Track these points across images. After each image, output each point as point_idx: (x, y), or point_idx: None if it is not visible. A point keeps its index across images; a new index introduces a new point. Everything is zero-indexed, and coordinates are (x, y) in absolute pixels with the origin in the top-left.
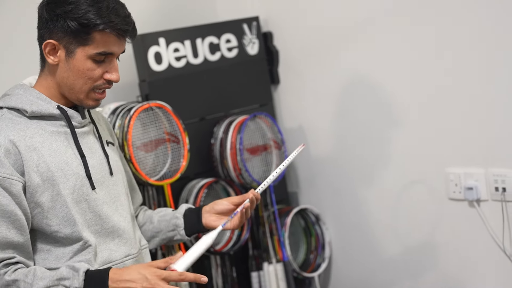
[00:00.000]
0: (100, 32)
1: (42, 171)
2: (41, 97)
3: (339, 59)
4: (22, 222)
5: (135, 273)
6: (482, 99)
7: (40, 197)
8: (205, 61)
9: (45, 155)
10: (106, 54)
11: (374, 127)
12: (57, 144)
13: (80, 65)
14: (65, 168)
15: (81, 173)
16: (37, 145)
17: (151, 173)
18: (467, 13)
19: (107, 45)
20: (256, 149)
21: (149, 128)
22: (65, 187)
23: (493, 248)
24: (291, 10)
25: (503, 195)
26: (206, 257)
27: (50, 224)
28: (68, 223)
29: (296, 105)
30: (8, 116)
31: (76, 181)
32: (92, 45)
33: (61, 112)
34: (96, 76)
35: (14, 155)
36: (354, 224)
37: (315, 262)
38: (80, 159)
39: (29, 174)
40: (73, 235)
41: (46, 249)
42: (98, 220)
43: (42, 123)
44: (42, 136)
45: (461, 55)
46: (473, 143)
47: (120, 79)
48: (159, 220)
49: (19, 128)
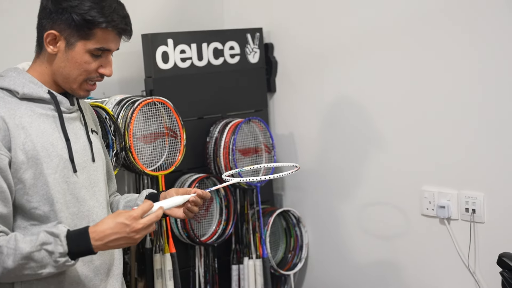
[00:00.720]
0: (102, 29)
1: (27, 149)
2: (33, 80)
3: (332, 74)
4: (6, 194)
5: (112, 223)
6: (462, 127)
7: (24, 174)
8: (209, 65)
9: (32, 134)
10: (104, 50)
11: (357, 141)
12: (44, 125)
13: (78, 57)
14: (50, 149)
15: (64, 156)
16: (25, 125)
17: (147, 164)
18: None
19: (106, 41)
20: (248, 151)
21: (150, 121)
22: (48, 166)
23: (459, 265)
24: (292, 25)
25: (472, 216)
26: (191, 247)
27: (30, 200)
28: (47, 202)
29: (289, 114)
30: (0, 95)
31: (59, 162)
32: (92, 40)
33: (51, 97)
34: (91, 69)
35: (4, 131)
36: (331, 230)
37: (292, 261)
38: (65, 142)
39: (15, 150)
40: (50, 213)
41: (23, 226)
42: (75, 202)
43: (32, 105)
44: (31, 117)
45: (442, 82)
46: (449, 166)
47: (128, 73)
48: (125, 206)
49: (10, 107)
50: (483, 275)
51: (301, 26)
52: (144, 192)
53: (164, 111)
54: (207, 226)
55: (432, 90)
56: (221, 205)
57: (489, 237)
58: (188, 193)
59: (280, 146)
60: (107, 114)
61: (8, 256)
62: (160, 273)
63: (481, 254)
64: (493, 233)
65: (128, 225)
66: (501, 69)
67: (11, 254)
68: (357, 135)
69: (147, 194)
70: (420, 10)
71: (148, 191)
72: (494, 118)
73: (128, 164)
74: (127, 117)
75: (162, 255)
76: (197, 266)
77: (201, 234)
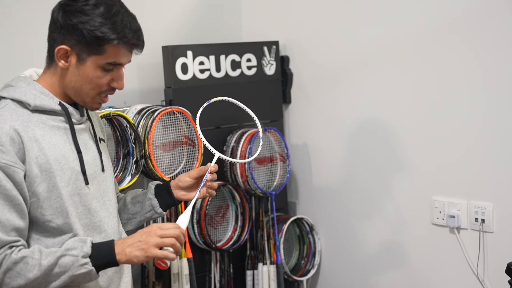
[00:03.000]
0: (111, 44)
1: (41, 163)
2: (44, 92)
3: (346, 87)
4: (23, 207)
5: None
6: (472, 139)
7: (38, 187)
8: (226, 76)
9: (45, 147)
10: (115, 64)
11: (369, 152)
12: (56, 138)
13: (89, 72)
14: (63, 161)
15: (76, 168)
16: (38, 137)
17: (166, 171)
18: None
19: (118, 56)
20: (263, 160)
21: (169, 130)
22: (61, 179)
23: (468, 273)
24: (307, 39)
25: (482, 226)
26: (207, 252)
27: (44, 213)
28: (61, 214)
29: (303, 124)
30: (12, 107)
31: (71, 175)
32: (104, 55)
33: (62, 109)
34: (102, 83)
35: (18, 144)
36: (343, 237)
37: (305, 268)
38: (76, 154)
39: (30, 164)
40: (65, 226)
41: (36, 238)
42: (87, 214)
43: (43, 117)
44: (42, 130)
45: (452, 95)
46: (459, 177)
47: (148, 84)
48: (132, 203)
49: (22, 119)
50: (492, 284)
51: (316, 40)
52: (151, 185)
53: (183, 121)
54: (223, 232)
55: (443, 103)
56: (236, 212)
57: (498, 246)
58: (200, 172)
59: (294, 156)
60: (128, 122)
61: (33, 266)
62: (177, 277)
63: (490, 263)
64: (502, 242)
65: (145, 231)
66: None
67: (36, 265)
68: (368, 146)
69: (155, 186)
70: (430, 26)
71: (155, 183)
72: (504, 130)
73: (148, 171)
74: (147, 125)
75: (179, 260)
76: (212, 271)
77: (217, 240)
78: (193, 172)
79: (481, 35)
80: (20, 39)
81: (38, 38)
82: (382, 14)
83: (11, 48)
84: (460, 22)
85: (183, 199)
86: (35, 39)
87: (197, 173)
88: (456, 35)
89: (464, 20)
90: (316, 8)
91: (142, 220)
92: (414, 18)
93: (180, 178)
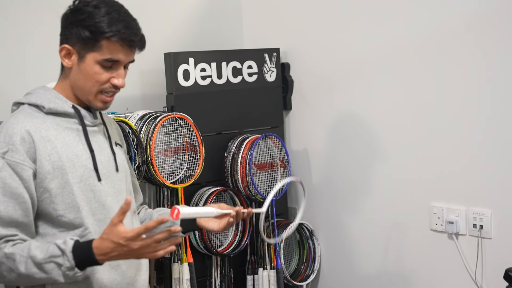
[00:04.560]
0: (107, 40)
1: (53, 160)
2: (58, 96)
3: (345, 94)
4: (27, 205)
5: (110, 243)
6: (470, 146)
7: (50, 183)
8: (228, 83)
9: (58, 146)
10: (113, 61)
11: (368, 158)
12: (69, 138)
13: (89, 69)
14: (75, 159)
15: (89, 166)
16: (51, 137)
17: (168, 176)
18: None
19: (114, 52)
20: (264, 166)
21: (171, 136)
22: (73, 176)
23: (466, 279)
24: (308, 46)
25: (480, 232)
26: (208, 257)
27: (56, 208)
28: (73, 209)
29: (304, 131)
30: (28, 111)
31: (84, 172)
32: (100, 51)
33: (75, 111)
34: (103, 80)
35: (29, 143)
36: (343, 243)
37: (305, 273)
38: (89, 153)
39: (41, 161)
40: (76, 220)
41: (52, 233)
42: (102, 209)
43: (57, 119)
44: (56, 130)
45: (450, 101)
46: (458, 183)
47: (150, 90)
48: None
49: (36, 121)
50: None
51: (316, 47)
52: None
53: (185, 127)
54: (224, 237)
55: (441, 109)
56: None
57: (496, 252)
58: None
59: (294, 162)
60: (130, 128)
61: (20, 263)
62: (178, 282)
63: (488, 268)
64: (500, 248)
65: (124, 245)
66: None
67: (23, 262)
68: (367, 152)
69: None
70: (428, 34)
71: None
72: (502, 136)
73: (149, 177)
74: (149, 131)
75: (180, 265)
76: (213, 276)
77: (218, 245)
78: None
79: (481, 43)
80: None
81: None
82: (381, 22)
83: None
84: (460, 28)
85: (203, 226)
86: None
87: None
88: (456, 42)
89: (464, 27)
90: (316, 16)
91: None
92: (413, 26)
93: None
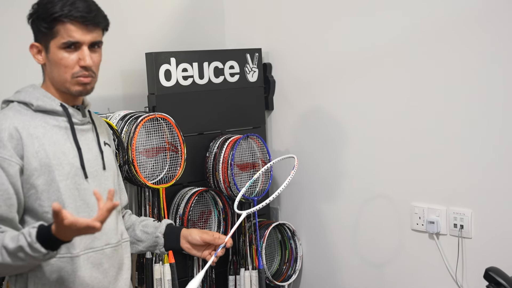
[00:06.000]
0: (60, 23)
1: (40, 157)
2: (46, 95)
3: (327, 94)
4: (13, 200)
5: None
6: (450, 146)
7: (36, 180)
8: (209, 83)
9: (45, 144)
10: (72, 43)
11: (350, 158)
12: (57, 136)
13: (55, 58)
14: (62, 157)
15: (76, 164)
16: (39, 135)
17: (149, 177)
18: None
19: (70, 34)
20: (246, 166)
21: (152, 136)
22: (60, 173)
23: (447, 278)
24: (290, 46)
25: (460, 232)
26: (190, 257)
27: (42, 205)
28: None
29: (285, 131)
30: (17, 108)
31: (70, 170)
32: (58, 36)
33: (63, 109)
34: (70, 64)
35: (16, 140)
36: (325, 243)
37: (287, 273)
38: (76, 151)
39: (28, 158)
40: None
41: None
42: (86, 208)
43: (46, 117)
44: (44, 128)
45: (430, 101)
46: (438, 183)
47: (132, 90)
48: (142, 231)
49: (25, 118)
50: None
51: (298, 48)
52: (164, 222)
53: (166, 127)
54: None
55: (422, 110)
56: (219, 218)
57: (477, 252)
58: (213, 240)
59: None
60: (111, 128)
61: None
62: (159, 282)
63: (468, 268)
64: (480, 248)
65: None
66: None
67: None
68: (349, 153)
69: (167, 225)
70: (412, 34)
71: (167, 222)
72: (482, 137)
73: (131, 177)
74: (130, 131)
75: (161, 265)
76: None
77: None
78: (206, 236)
79: (463, 43)
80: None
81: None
82: (362, 23)
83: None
84: (442, 29)
85: (186, 252)
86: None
87: (210, 239)
88: (438, 42)
89: (446, 27)
90: (298, 16)
91: (143, 250)
92: (396, 27)
93: (192, 234)
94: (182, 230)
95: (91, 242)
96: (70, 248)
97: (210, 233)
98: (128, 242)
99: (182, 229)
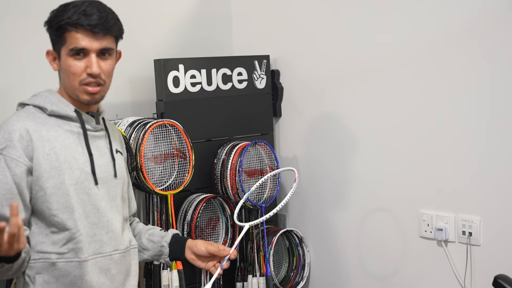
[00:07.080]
0: (68, 31)
1: (51, 160)
2: (61, 100)
3: (334, 101)
4: (15, 200)
5: None
6: (459, 154)
7: (45, 182)
8: (217, 89)
9: (57, 147)
10: (80, 50)
11: (358, 165)
12: (69, 141)
13: (64, 64)
14: (72, 162)
15: (86, 169)
16: (50, 138)
17: (157, 183)
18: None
19: (77, 41)
20: (253, 173)
21: (161, 143)
22: (70, 177)
23: (455, 286)
24: (298, 53)
25: (469, 239)
26: None
27: (50, 207)
28: (66, 210)
29: (293, 138)
30: (32, 111)
31: (80, 174)
32: (66, 44)
33: (77, 115)
34: (78, 71)
35: (27, 141)
36: (332, 250)
37: (295, 280)
38: (88, 156)
39: (38, 160)
40: (68, 221)
41: (45, 233)
42: (96, 213)
43: (59, 121)
44: (57, 132)
45: (439, 109)
46: (447, 190)
47: (140, 96)
48: (148, 239)
49: (38, 121)
50: None
51: (306, 55)
52: (170, 232)
53: (174, 133)
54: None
55: (429, 116)
56: (227, 224)
57: (485, 259)
58: (218, 252)
59: None
60: None
61: None
62: None
63: (477, 275)
64: (489, 255)
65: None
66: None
67: None
68: (357, 159)
69: (173, 235)
70: (420, 42)
71: (173, 232)
72: (491, 143)
73: (139, 183)
74: (139, 138)
75: (169, 272)
76: (203, 283)
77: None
78: (212, 247)
79: (467, 49)
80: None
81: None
82: (371, 29)
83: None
84: (446, 36)
85: (190, 262)
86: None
87: (215, 251)
88: (443, 49)
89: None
90: (306, 22)
91: (148, 258)
92: (404, 34)
93: (197, 245)
94: (188, 241)
95: (99, 248)
96: (79, 252)
97: (216, 245)
98: (136, 249)
99: (188, 240)
